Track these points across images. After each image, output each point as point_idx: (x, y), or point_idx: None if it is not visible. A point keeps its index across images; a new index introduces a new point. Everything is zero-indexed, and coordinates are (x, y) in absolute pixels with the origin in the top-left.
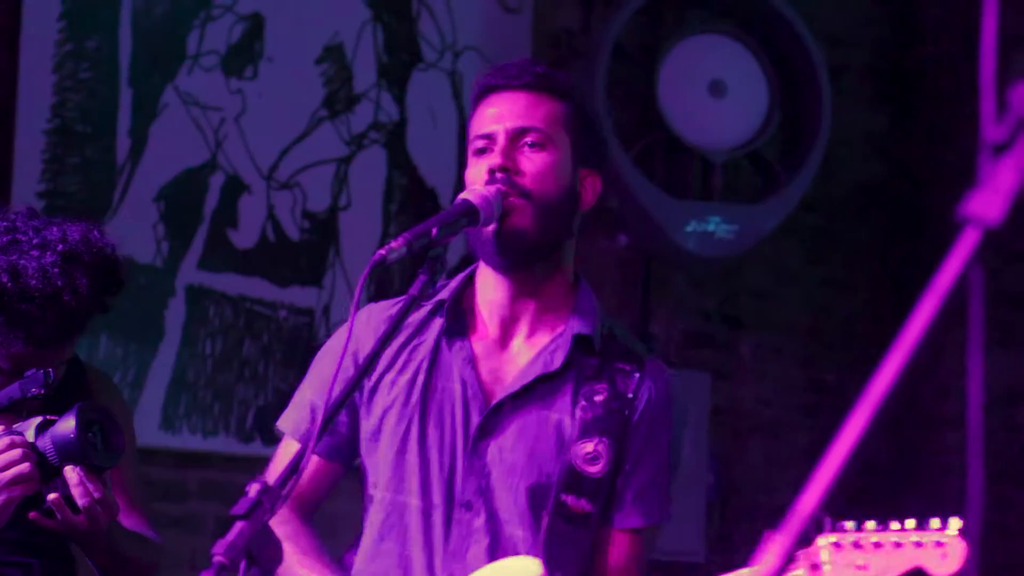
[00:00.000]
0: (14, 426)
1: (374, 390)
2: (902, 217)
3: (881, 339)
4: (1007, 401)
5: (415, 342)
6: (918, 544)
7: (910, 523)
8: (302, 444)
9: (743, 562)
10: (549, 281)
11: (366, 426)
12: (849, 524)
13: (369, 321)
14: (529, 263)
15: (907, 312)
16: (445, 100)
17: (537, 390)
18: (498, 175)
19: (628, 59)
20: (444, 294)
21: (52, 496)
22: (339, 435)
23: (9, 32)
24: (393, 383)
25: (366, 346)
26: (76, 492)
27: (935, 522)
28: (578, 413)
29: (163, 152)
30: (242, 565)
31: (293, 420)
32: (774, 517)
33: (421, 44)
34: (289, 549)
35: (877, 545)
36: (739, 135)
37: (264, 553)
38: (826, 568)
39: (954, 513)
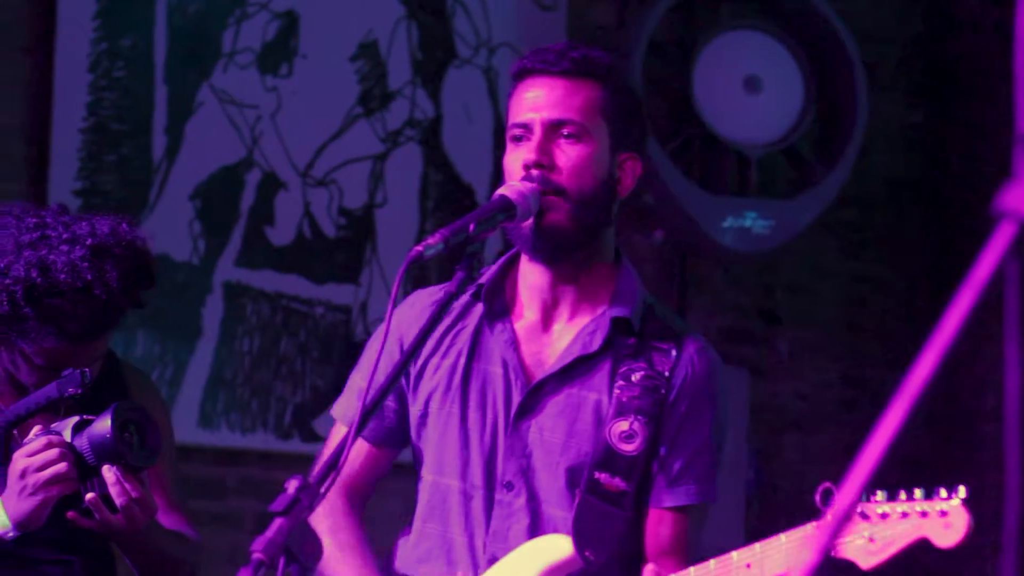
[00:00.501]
0: (52, 425)
1: (419, 375)
2: (938, 212)
3: (917, 334)
4: None
5: (458, 327)
6: (923, 514)
7: (918, 493)
8: (349, 446)
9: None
10: (589, 267)
11: (414, 411)
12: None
13: (414, 307)
14: (568, 255)
15: (943, 306)
16: (480, 96)
17: (576, 371)
18: (533, 172)
19: (663, 55)
20: (484, 279)
21: (90, 496)
22: (388, 421)
23: (45, 31)
24: (437, 368)
25: (411, 332)
26: (114, 491)
27: (943, 492)
28: (615, 392)
29: (199, 150)
30: (281, 562)
31: (343, 406)
32: (812, 512)
33: (456, 41)
34: (328, 543)
35: (883, 516)
36: (774, 131)
37: (303, 549)
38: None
39: (993, 507)
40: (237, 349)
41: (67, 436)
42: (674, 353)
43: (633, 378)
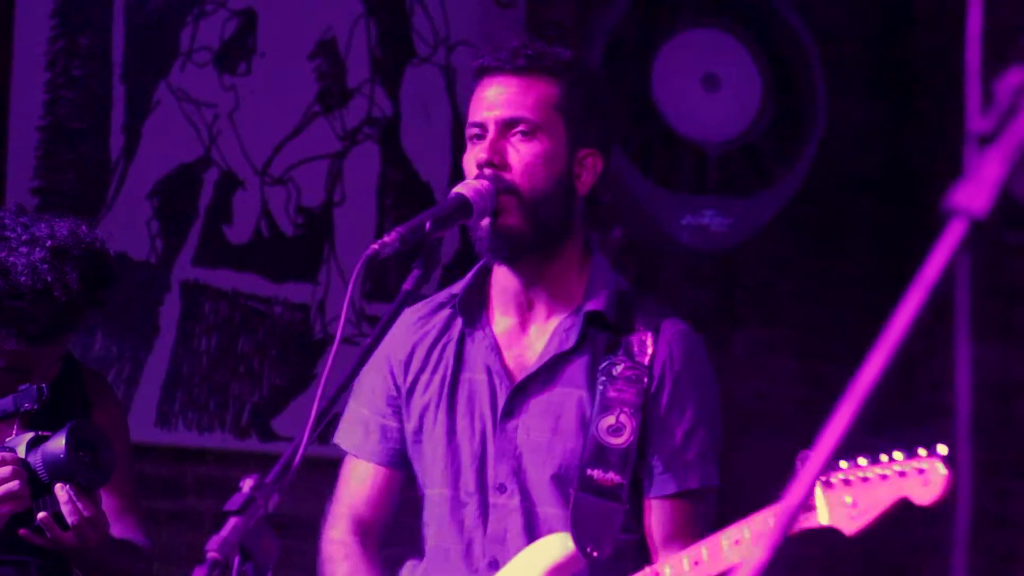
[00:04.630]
0: (6, 441)
1: (411, 391)
2: (897, 209)
3: (876, 332)
4: (1004, 394)
5: (443, 340)
6: (901, 474)
7: (898, 455)
8: (365, 459)
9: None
10: (557, 264)
11: (409, 428)
12: (843, 463)
13: (400, 326)
14: (526, 254)
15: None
16: (439, 94)
17: (556, 369)
18: (486, 171)
19: (622, 53)
20: (458, 289)
21: (41, 515)
22: (393, 440)
23: (2, 29)
24: (428, 383)
25: (399, 351)
26: (66, 510)
27: (922, 451)
28: (598, 388)
29: (157, 148)
30: (236, 561)
31: (349, 436)
32: None
33: (414, 39)
34: None
35: (864, 480)
36: (733, 128)
37: (258, 548)
38: (818, 508)
39: (951, 505)
40: (195, 348)
41: (21, 452)
42: (652, 341)
43: (615, 372)
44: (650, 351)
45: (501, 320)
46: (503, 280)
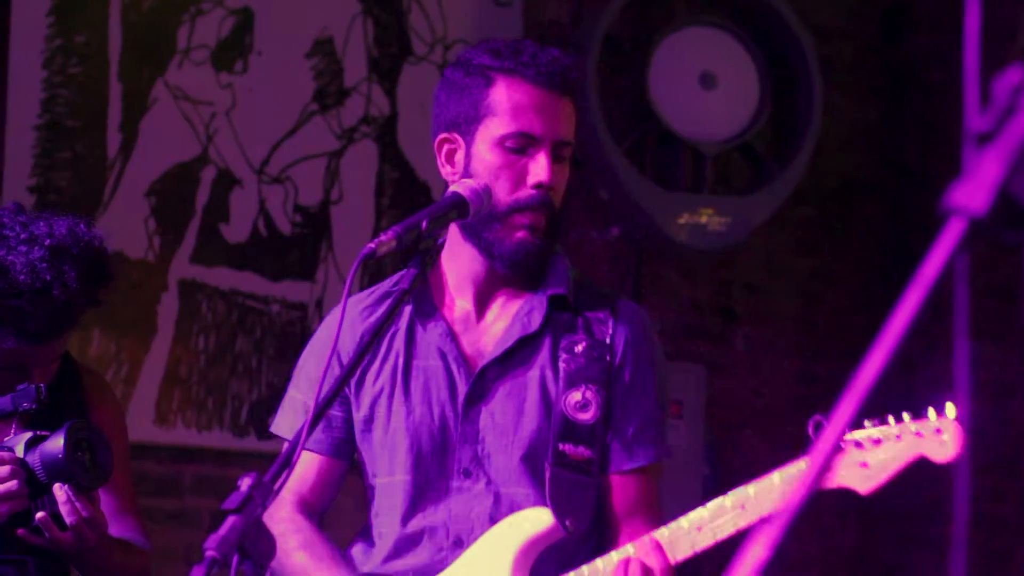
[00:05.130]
0: (4, 440)
1: (360, 381)
2: (893, 208)
3: (872, 331)
4: (1000, 393)
5: (392, 330)
6: (918, 434)
7: (907, 416)
8: (308, 448)
9: (737, 552)
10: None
11: (357, 417)
12: None
13: (345, 317)
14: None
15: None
16: None
17: (519, 352)
18: (543, 193)
19: (618, 51)
20: (403, 282)
21: (40, 515)
22: (338, 430)
23: None
24: (379, 372)
25: (346, 341)
26: (64, 511)
27: (932, 412)
28: (561, 366)
29: (154, 147)
30: (234, 559)
31: (289, 423)
32: None
33: (411, 37)
34: (305, 558)
35: (877, 441)
36: (730, 127)
37: (256, 547)
38: (831, 471)
39: (949, 504)
40: (192, 347)
41: (19, 452)
42: (611, 319)
43: (576, 349)
44: (610, 330)
45: (455, 305)
46: (466, 266)
